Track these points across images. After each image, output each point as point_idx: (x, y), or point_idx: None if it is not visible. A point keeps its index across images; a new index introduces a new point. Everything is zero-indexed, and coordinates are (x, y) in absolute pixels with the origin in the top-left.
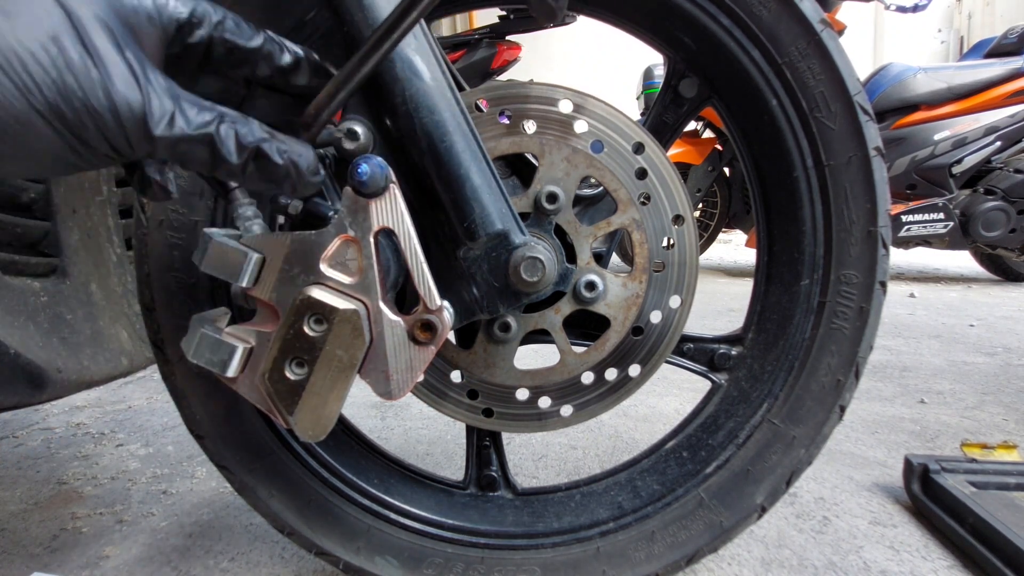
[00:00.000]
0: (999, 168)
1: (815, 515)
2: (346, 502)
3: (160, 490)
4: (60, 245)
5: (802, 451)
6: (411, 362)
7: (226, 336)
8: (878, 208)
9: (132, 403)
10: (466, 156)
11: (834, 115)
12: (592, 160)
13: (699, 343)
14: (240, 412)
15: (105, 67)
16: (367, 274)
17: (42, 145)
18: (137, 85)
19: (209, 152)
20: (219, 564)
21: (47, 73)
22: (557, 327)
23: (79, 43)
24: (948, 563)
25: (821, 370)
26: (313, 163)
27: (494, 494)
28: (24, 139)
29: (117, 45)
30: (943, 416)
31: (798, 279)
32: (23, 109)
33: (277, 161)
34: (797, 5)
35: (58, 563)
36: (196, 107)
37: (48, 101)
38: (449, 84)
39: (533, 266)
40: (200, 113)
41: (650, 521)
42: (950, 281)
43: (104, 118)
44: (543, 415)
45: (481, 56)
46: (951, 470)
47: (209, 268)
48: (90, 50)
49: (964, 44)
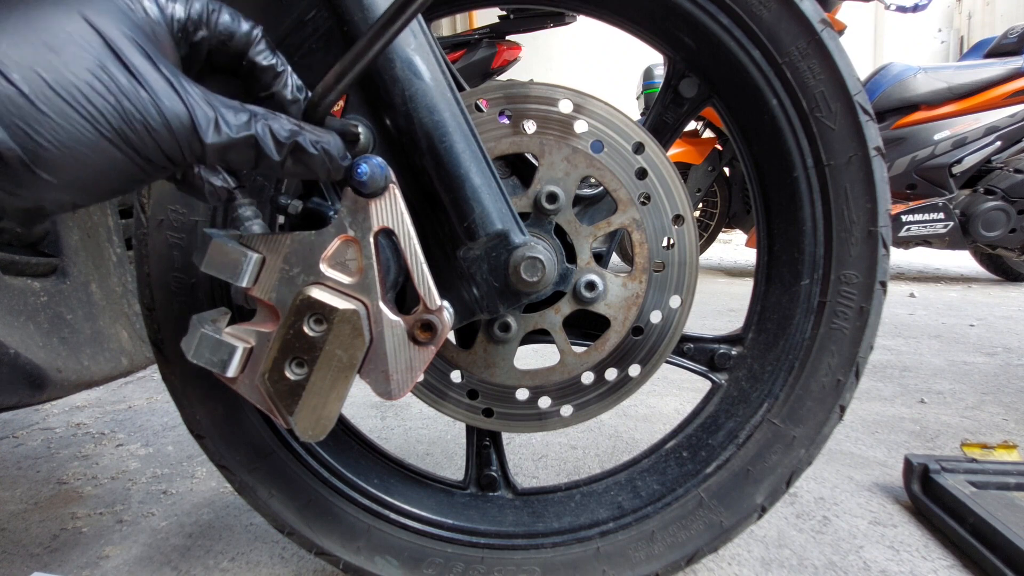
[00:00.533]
0: (999, 168)
1: (815, 515)
2: (346, 502)
3: (160, 490)
4: (60, 245)
5: (802, 451)
6: (411, 362)
7: (226, 336)
8: (878, 208)
9: (132, 403)
10: (466, 156)
11: (834, 115)
12: (592, 160)
13: (699, 343)
14: (240, 412)
15: (150, 86)
16: (367, 274)
17: (114, 168)
18: (179, 97)
19: (254, 152)
20: (219, 564)
21: (106, 100)
22: (557, 327)
23: (122, 66)
24: (948, 563)
25: (821, 370)
26: (341, 147)
27: (494, 494)
28: (99, 165)
29: (151, 61)
30: (943, 416)
31: (798, 279)
32: (94, 138)
33: (312, 152)
34: (797, 5)
35: (58, 563)
36: (231, 109)
37: (114, 127)
38: (449, 84)
39: (533, 266)
40: (237, 115)
41: (650, 521)
42: (950, 281)
43: (161, 134)
44: (543, 415)
45: (481, 56)
46: (951, 470)
47: (209, 268)
48: (133, 71)
49: (964, 44)
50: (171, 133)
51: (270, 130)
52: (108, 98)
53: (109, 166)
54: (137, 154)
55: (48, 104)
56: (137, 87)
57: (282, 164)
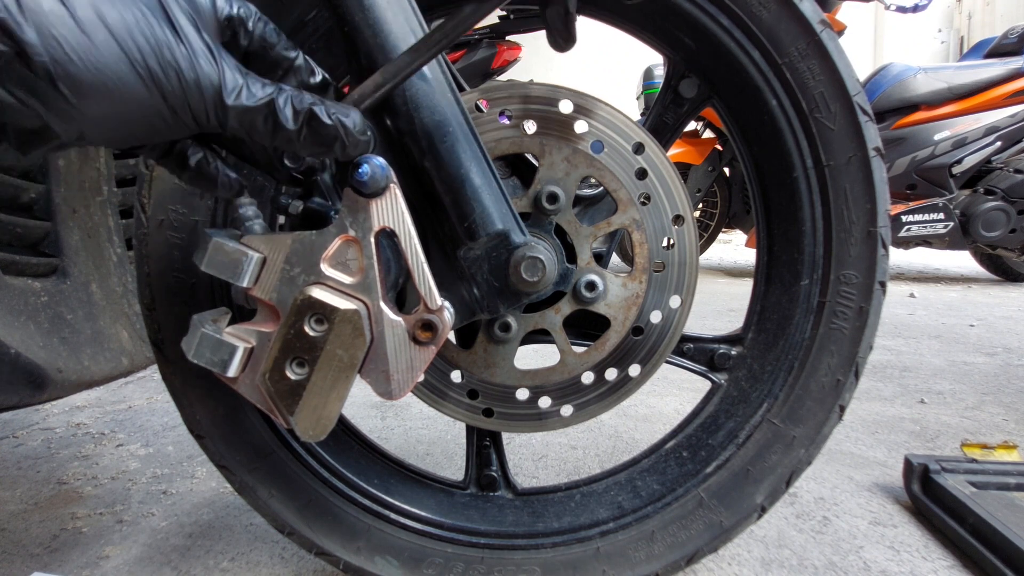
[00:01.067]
0: (999, 168)
1: (815, 515)
2: (346, 502)
3: (160, 490)
4: (60, 245)
5: (802, 451)
6: (412, 362)
7: (227, 336)
8: (878, 208)
9: (132, 403)
10: (467, 156)
11: (834, 115)
12: (592, 160)
13: (699, 343)
14: (240, 412)
15: (191, 44)
16: (368, 274)
17: (138, 110)
18: (215, 62)
19: (272, 121)
20: (219, 564)
21: (148, 42)
22: (557, 327)
23: (169, 22)
24: (948, 563)
25: (821, 370)
26: (360, 122)
27: (494, 494)
28: (123, 101)
29: (197, 29)
30: (943, 416)
31: (798, 279)
32: (127, 71)
33: (326, 121)
34: (797, 6)
35: (58, 563)
36: (259, 83)
37: (149, 66)
38: (450, 84)
39: (533, 266)
40: (264, 88)
41: (650, 521)
42: (950, 281)
43: (191, 87)
44: (543, 415)
45: (481, 56)
46: (951, 470)
47: (210, 268)
48: (178, 31)
49: (964, 44)
50: (199, 89)
51: (291, 102)
52: (151, 40)
53: (133, 106)
54: (164, 100)
55: (91, 26)
56: (178, 42)
57: (299, 134)
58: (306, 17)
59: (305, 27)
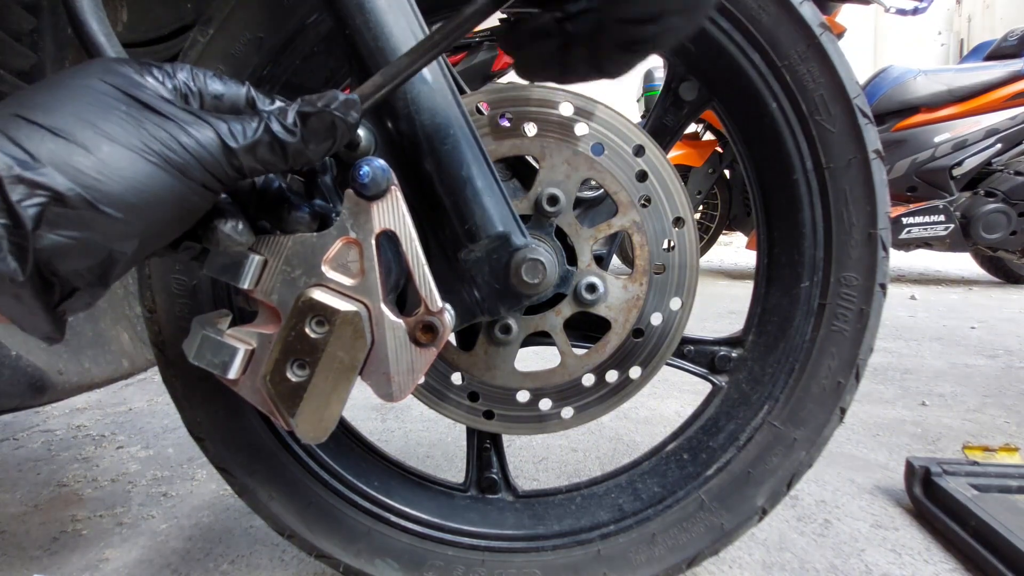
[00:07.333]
0: (1000, 170)
1: (816, 518)
2: (346, 504)
3: (160, 492)
4: None
5: (803, 453)
6: (412, 364)
7: (227, 338)
8: (878, 210)
9: (133, 405)
10: (467, 158)
11: (833, 118)
12: (593, 162)
13: (700, 345)
14: (241, 414)
15: (176, 117)
16: (368, 276)
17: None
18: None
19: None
20: (219, 567)
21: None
22: (558, 329)
23: (146, 108)
24: (950, 566)
25: (821, 372)
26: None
27: (495, 496)
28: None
29: (167, 101)
30: (944, 419)
31: (798, 281)
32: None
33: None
34: (796, 9)
35: (58, 565)
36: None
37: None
38: (450, 86)
39: (534, 268)
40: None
41: (651, 524)
42: (951, 283)
43: (199, 152)
44: (544, 417)
45: (482, 59)
46: (953, 473)
47: (210, 270)
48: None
49: (964, 47)
50: (205, 150)
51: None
52: (147, 132)
53: (165, 193)
54: (184, 175)
55: (96, 145)
56: (163, 120)
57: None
58: (307, 21)
59: (307, 31)
